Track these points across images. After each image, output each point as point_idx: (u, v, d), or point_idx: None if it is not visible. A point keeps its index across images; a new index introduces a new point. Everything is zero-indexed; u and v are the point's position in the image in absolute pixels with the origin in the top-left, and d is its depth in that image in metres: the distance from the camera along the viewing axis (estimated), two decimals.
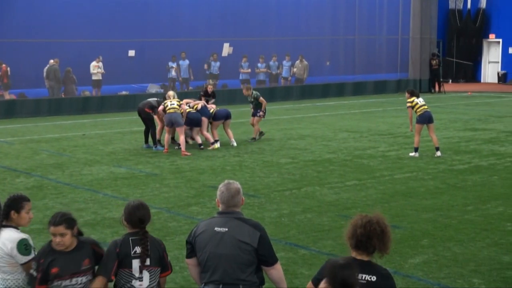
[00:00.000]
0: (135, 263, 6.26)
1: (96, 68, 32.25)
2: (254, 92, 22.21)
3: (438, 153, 18.81)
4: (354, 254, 5.48)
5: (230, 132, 21.11)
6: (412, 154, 18.97)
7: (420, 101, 19.28)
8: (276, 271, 6.18)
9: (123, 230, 6.83)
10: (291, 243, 11.06)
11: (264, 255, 6.10)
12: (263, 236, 6.11)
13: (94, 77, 32.37)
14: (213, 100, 22.87)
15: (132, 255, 6.27)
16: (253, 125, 22.21)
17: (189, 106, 20.66)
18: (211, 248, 6.11)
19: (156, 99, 21.23)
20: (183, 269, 9.66)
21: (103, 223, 12.39)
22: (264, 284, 6.28)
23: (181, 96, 26.03)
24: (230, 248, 6.05)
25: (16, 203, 6.59)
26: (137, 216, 6.35)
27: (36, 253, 6.48)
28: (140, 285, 6.29)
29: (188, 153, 19.43)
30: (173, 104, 19.81)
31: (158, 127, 20.87)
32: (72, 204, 13.76)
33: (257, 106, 22.07)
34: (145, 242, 6.29)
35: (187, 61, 34.92)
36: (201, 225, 6.28)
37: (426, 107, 19.16)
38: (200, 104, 20.91)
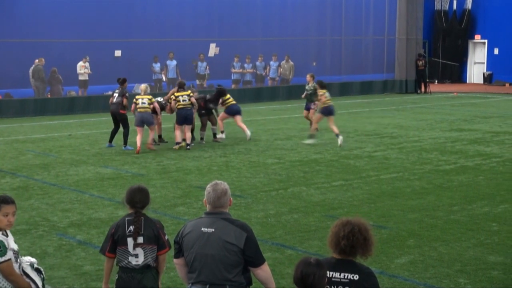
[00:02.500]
0: (130, 241, 6.81)
1: (82, 68, 32.15)
2: (315, 83, 23.03)
3: (340, 139, 20.52)
4: (336, 255, 5.53)
5: (242, 125, 21.74)
6: (309, 141, 20.93)
7: (328, 94, 21.25)
8: (263, 272, 6.16)
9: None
10: (278, 243, 11.07)
11: (250, 256, 6.09)
12: (250, 237, 6.10)
13: (80, 77, 32.25)
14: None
15: (127, 234, 6.83)
16: (307, 118, 23.54)
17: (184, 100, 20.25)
18: (197, 249, 6.11)
19: (116, 93, 20.83)
20: (169, 270, 9.64)
21: (89, 223, 12.36)
22: (252, 284, 6.28)
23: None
24: (216, 248, 6.05)
25: None
26: (135, 199, 6.96)
27: (15, 255, 6.46)
28: (136, 261, 6.82)
29: (154, 148, 19.51)
30: (144, 103, 19.77)
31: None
32: (58, 204, 13.72)
33: (312, 97, 23.08)
34: (137, 221, 6.83)
35: (174, 61, 34.85)
36: (188, 225, 6.28)
37: (331, 101, 21.18)
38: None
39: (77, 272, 9.80)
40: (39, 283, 6.65)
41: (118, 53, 33.82)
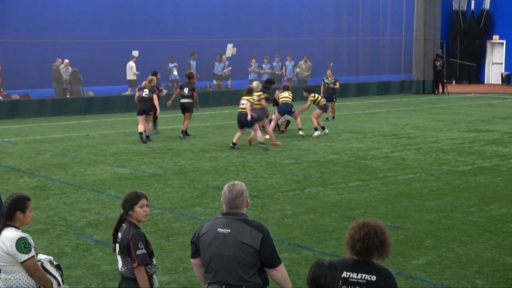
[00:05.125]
0: (116, 246, 6.78)
1: (134, 68, 32.99)
2: (334, 77, 27.98)
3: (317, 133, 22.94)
4: (353, 256, 5.54)
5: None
6: (316, 133, 22.76)
7: (317, 95, 23.60)
8: (279, 273, 6.16)
9: None
10: (294, 244, 11.06)
11: (266, 257, 6.08)
12: (266, 238, 6.09)
13: (130, 77, 33.09)
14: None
15: (117, 239, 6.82)
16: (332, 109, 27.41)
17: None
18: (214, 249, 6.11)
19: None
20: (186, 270, 9.67)
21: (107, 223, 12.39)
22: (268, 285, 6.27)
23: None
24: (232, 249, 6.05)
25: (21, 203, 6.62)
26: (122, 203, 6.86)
27: (36, 251, 6.54)
28: (119, 267, 6.76)
29: (278, 143, 20.85)
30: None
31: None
32: (75, 204, 13.77)
33: (331, 90, 27.63)
34: (115, 227, 6.82)
35: (195, 62, 34.93)
36: (205, 225, 6.29)
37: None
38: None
39: (94, 272, 9.84)
40: (59, 278, 6.72)
41: (135, 53, 33.94)
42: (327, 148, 20.41)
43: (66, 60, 31.20)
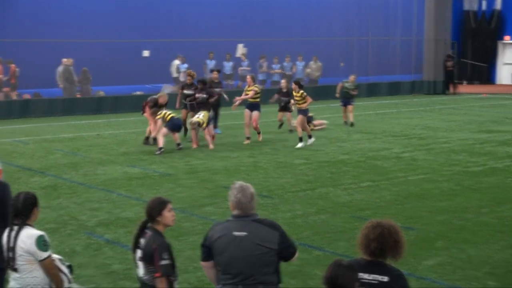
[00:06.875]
0: (137, 252, 6.52)
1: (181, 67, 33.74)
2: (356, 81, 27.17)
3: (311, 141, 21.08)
4: (366, 257, 5.50)
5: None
6: (300, 145, 20.52)
7: (305, 95, 21.47)
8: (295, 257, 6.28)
9: None
10: (305, 244, 11.04)
11: (287, 252, 6.15)
12: (282, 235, 6.12)
13: (175, 75, 33.82)
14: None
15: (138, 245, 6.54)
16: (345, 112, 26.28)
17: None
18: (231, 253, 6.07)
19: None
20: (197, 270, 9.66)
21: (117, 222, 12.41)
22: (281, 283, 6.27)
23: None
24: (250, 251, 6.03)
25: (35, 199, 6.66)
26: (146, 209, 6.63)
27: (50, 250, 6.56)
28: (139, 273, 6.51)
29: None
30: None
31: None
32: (86, 203, 13.79)
33: (348, 95, 26.25)
34: (137, 233, 6.53)
35: (213, 61, 34.90)
36: (217, 229, 6.22)
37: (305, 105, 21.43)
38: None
39: (105, 271, 9.85)
40: (69, 276, 6.74)
41: (146, 53, 34.00)
42: (337, 149, 20.38)
43: (71, 59, 31.09)
